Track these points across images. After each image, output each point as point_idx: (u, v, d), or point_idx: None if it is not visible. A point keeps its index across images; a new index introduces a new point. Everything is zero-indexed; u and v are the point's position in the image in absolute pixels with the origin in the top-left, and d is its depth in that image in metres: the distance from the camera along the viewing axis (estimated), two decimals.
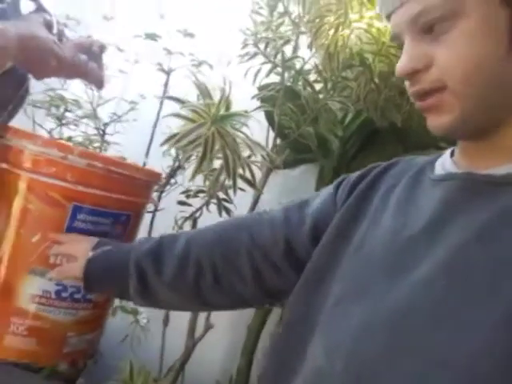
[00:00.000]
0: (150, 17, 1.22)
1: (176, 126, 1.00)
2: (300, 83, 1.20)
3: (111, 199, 0.53)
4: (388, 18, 0.43)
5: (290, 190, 1.52)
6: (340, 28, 1.01)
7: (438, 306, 0.36)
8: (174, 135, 0.77)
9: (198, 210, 1.24)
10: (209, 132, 0.75)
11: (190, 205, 1.23)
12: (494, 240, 0.36)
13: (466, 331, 0.33)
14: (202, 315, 1.31)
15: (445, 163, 0.47)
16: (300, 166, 1.52)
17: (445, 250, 0.38)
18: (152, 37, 1.17)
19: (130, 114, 1.35)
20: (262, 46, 1.07)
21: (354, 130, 1.34)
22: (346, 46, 1.04)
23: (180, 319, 1.27)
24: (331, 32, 1.03)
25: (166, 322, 1.24)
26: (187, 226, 1.24)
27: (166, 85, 1.20)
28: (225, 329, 1.41)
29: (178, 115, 0.77)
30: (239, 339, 1.34)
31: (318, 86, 1.21)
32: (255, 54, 1.06)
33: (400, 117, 1.20)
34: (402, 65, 0.40)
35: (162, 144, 0.78)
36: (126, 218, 0.56)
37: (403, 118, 1.21)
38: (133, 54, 1.27)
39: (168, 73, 1.18)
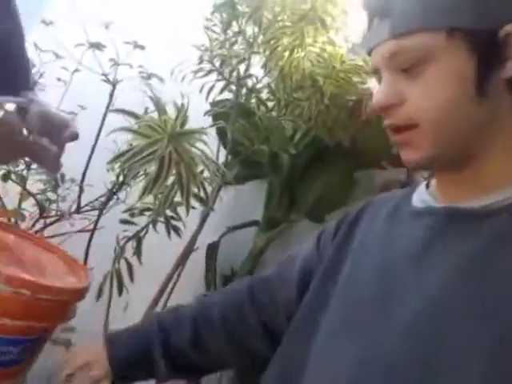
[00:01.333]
0: (94, 25, 1.14)
1: (122, 140, 0.93)
2: (253, 101, 1.20)
3: (24, 327, 0.45)
4: (369, 53, 0.45)
5: (239, 206, 1.50)
6: (295, 50, 1.02)
7: (430, 346, 0.36)
8: (125, 152, 0.71)
9: (143, 229, 1.17)
10: (166, 150, 0.70)
11: (134, 224, 1.15)
12: (479, 275, 0.37)
13: (459, 375, 0.34)
14: None
15: (422, 196, 0.48)
16: (249, 182, 1.51)
17: (433, 287, 0.39)
18: (97, 46, 1.10)
19: None
20: (217, 63, 1.05)
21: (303, 147, 1.37)
22: (300, 67, 1.06)
23: None
24: (286, 54, 1.04)
25: None
26: (129, 247, 1.16)
27: (111, 96, 1.13)
28: None
29: (131, 130, 0.71)
30: None
31: (269, 104, 1.22)
32: (210, 71, 1.03)
33: (347, 136, 1.25)
34: (377, 99, 0.42)
35: (111, 161, 0.71)
36: (36, 342, 0.49)
37: (350, 138, 1.26)
38: (73, 63, 1.18)
39: (114, 84, 1.11)
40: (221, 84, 1.12)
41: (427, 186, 0.49)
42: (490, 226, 0.39)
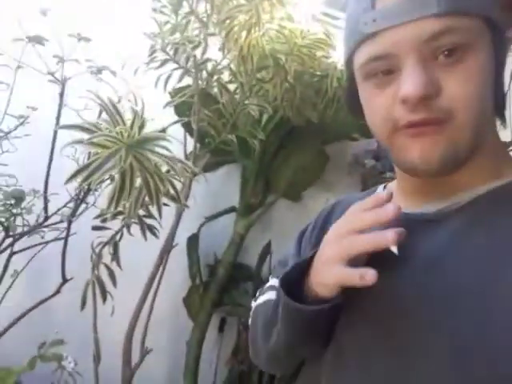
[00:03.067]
0: (29, 14, 1.03)
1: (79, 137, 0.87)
2: (214, 84, 1.14)
3: None
4: (373, 34, 0.37)
5: (213, 194, 1.47)
6: (252, 29, 0.96)
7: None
8: (84, 167, 0.66)
9: (117, 233, 1.13)
10: (126, 162, 0.66)
11: (107, 228, 1.11)
12: (441, 272, 0.37)
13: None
14: (137, 342, 1.21)
15: None
16: (222, 168, 1.47)
17: (397, 290, 0.39)
18: (37, 40, 1.00)
19: (20, 129, 1.16)
20: (170, 50, 0.97)
21: (271, 129, 1.33)
22: (259, 47, 1.01)
23: (113, 353, 1.16)
24: (243, 33, 0.98)
25: (97, 359, 1.12)
26: (107, 253, 1.12)
27: (61, 96, 1.04)
28: (163, 350, 1.33)
29: (86, 142, 0.66)
30: (180, 359, 1.28)
31: (231, 86, 1.16)
32: (166, 61, 0.96)
33: (316, 114, 1.22)
34: (414, 88, 0.36)
35: (70, 179, 0.66)
36: None
37: (319, 114, 1.23)
38: (12, 60, 1.08)
39: (62, 83, 1.03)
40: (178, 72, 1.05)
41: (384, 189, 0.49)
42: (448, 226, 0.39)
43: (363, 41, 0.39)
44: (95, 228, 1.10)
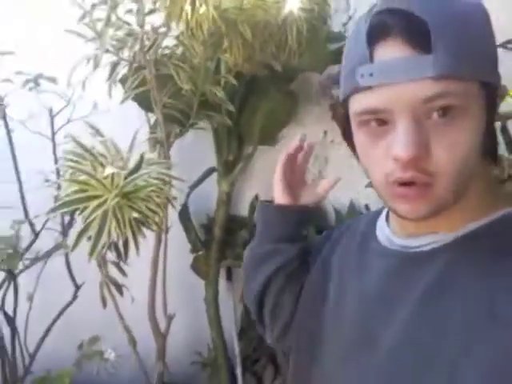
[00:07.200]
0: None
1: None
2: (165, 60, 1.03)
3: None
4: (370, 87, 0.38)
5: (189, 160, 1.41)
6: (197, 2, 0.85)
7: (407, 374, 0.40)
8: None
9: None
10: (116, 211, 0.65)
11: None
12: (431, 313, 0.40)
13: None
14: (159, 312, 1.31)
15: (384, 229, 0.49)
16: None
17: (396, 329, 0.42)
18: None
19: None
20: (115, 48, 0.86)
21: (231, 83, 1.24)
22: (209, 18, 0.90)
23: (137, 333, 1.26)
24: (187, 8, 0.86)
25: (132, 342, 1.23)
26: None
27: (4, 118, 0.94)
28: (185, 314, 1.46)
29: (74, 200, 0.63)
30: (202, 316, 1.42)
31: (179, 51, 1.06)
32: (117, 64, 0.85)
33: (279, 64, 1.15)
34: (406, 150, 0.37)
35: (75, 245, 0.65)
36: None
37: (281, 63, 1.15)
38: None
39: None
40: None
41: (387, 214, 0.50)
42: (441, 262, 0.42)
43: (359, 90, 0.39)
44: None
